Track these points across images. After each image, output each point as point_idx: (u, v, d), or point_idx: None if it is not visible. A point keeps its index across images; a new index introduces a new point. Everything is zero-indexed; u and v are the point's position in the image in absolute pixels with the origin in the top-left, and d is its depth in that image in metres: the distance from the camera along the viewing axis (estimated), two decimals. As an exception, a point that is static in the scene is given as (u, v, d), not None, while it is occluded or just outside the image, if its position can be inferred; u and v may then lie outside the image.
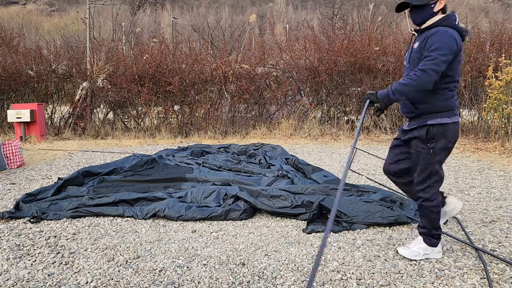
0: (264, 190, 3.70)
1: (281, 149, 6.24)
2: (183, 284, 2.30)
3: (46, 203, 3.62)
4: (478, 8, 35.60)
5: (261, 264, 2.54)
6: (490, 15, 27.41)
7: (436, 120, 2.44)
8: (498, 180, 4.80)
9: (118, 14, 18.52)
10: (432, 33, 2.37)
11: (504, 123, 7.20)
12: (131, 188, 4.11)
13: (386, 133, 9.00)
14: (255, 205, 3.47)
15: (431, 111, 2.45)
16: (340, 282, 2.30)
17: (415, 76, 2.32)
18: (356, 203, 3.37)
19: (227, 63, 9.33)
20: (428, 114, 2.46)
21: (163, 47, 9.96)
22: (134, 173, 4.80)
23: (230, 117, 9.50)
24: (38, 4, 60.51)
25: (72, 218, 3.40)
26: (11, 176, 5.19)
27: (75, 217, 3.40)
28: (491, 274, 2.37)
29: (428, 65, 2.30)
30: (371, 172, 5.33)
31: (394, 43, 9.45)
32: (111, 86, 9.63)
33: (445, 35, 2.33)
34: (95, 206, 3.57)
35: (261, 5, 54.99)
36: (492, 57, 8.54)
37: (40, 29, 34.45)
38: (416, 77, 2.32)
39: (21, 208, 3.52)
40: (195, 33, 27.39)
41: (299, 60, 9.59)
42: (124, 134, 9.27)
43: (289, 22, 32.05)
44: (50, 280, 2.34)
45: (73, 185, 4.20)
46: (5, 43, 11.57)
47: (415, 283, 2.27)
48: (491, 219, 3.34)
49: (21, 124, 8.52)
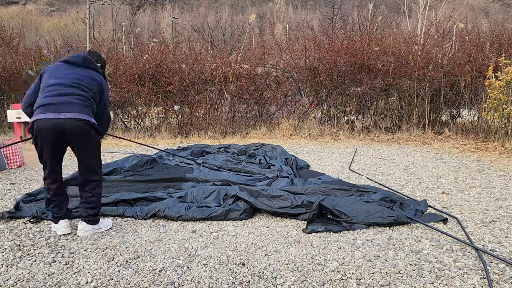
0: (264, 190, 3.69)
1: (281, 149, 6.24)
2: (183, 284, 2.30)
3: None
4: (478, 8, 35.58)
5: (261, 264, 2.54)
6: (490, 15, 27.40)
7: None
8: (498, 180, 4.80)
9: (118, 14, 18.52)
10: None
11: (504, 123, 7.20)
12: (131, 188, 4.11)
13: (386, 133, 9.00)
14: (255, 205, 3.47)
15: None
16: (340, 282, 2.30)
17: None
18: (356, 203, 3.37)
19: (227, 63, 9.33)
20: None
21: (163, 47, 9.95)
22: (134, 173, 4.80)
23: (230, 117, 9.50)
24: (38, 4, 60.49)
25: (72, 218, 3.40)
26: (11, 176, 5.19)
27: (75, 217, 3.40)
28: (491, 274, 2.37)
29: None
30: (371, 172, 5.34)
31: (394, 43, 9.45)
32: (111, 86, 9.62)
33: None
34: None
35: (261, 5, 54.96)
36: (492, 57, 8.54)
37: (40, 29, 34.43)
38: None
39: (21, 208, 3.52)
40: (195, 33, 27.38)
41: (299, 60, 9.59)
42: (124, 134, 9.27)
43: (289, 22, 32.04)
44: (50, 280, 2.34)
45: (73, 185, 4.19)
46: (5, 43, 11.57)
47: (415, 283, 2.27)
48: (491, 219, 3.34)
49: (21, 124, 8.51)
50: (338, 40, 9.47)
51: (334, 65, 9.05)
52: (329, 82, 9.28)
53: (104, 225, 3.12)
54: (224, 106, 9.54)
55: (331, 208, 3.22)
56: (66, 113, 2.75)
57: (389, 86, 9.23)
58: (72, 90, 2.83)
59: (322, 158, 6.41)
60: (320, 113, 9.65)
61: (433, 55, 9.13)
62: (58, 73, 2.91)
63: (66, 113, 2.75)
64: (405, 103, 9.32)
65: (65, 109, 2.75)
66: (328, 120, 9.54)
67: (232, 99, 9.41)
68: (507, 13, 26.53)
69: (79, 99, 2.83)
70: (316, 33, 10.13)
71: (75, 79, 2.88)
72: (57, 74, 2.90)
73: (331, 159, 6.32)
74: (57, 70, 2.94)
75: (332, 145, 7.83)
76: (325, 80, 9.16)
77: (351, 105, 9.61)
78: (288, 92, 9.76)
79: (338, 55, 9.04)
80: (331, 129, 9.09)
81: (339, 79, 9.37)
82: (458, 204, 3.81)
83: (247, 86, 9.19)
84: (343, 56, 9.03)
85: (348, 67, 9.14)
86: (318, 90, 9.58)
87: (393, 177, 5.01)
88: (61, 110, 2.75)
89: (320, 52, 9.31)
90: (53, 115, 2.73)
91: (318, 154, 6.80)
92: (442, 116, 9.62)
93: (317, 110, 9.57)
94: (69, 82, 2.84)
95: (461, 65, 8.83)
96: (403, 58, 9.10)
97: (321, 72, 9.17)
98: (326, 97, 9.54)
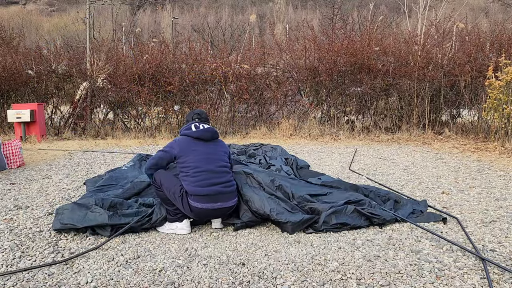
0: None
1: (281, 149, 6.24)
2: (183, 284, 2.30)
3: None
4: (478, 8, 35.60)
5: (261, 264, 2.54)
6: (490, 15, 27.42)
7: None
8: (498, 180, 4.80)
9: (118, 14, 18.52)
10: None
11: (504, 123, 7.20)
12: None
13: (386, 133, 9.00)
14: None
15: None
16: (340, 282, 2.30)
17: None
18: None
19: (227, 63, 9.34)
20: None
21: (163, 47, 9.96)
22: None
23: (230, 117, 9.50)
24: (38, 4, 60.51)
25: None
26: (11, 176, 5.19)
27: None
28: (491, 274, 2.37)
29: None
30: (371, 172, 5.33)
31: (394, 43, 9.46)
32: (111, 86, 9.63)
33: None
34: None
35: (261, 5, 54.96)
36: (492, 57, 8.54)
37: (40, 29, 34.44)
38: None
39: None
40: (195, 33, 27.40)
41: (299, 60, 9.60)
42: (124, 134, 9.28)
43: (289, 22, 32.04)
44: (50, 280, 2.34)
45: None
46: (5, 43, 11.56)
47: (415, 283, 2.27)
48: (491, 219, 3.34)
49: (21, 124, 8.51)
50: (338, 40, 9.47)
51: (334, 65, 9.06)
52: (329, 82, 9.28)
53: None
54: (224, 106, 9.54)
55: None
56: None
57: (389, 86, 9.23)
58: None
59: (322, 158, 6.41)
60: (320, 113, 9.65)
61: (433, 55, 9.13)
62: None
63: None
64: (405, 103, 9.32)
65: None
66: (328, 120, 9.54)
67: (232, 99, 9.41)
68: (507, 13, 26.52)
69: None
70: (316, 33, 10.14)
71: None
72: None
73: (331, 159, 6.32)
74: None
75: (332, 145, 7.83)
76: (325, 80, 9.16)
77: (351, 105, 9.62)
78: (288, 92, 9.76)
79: (338, 55, 9.04)
80: (331, 129, 9.09)
81: (339, 79, 9.37)
82: (458, 204, 3.81)
83: (247, 86, 9.19)
84: (343, 56, 9.03)
85: (348, 67, 9.14)
86: (318, 90, 9.59)
87: (393, 177, 5.01)
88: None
89: (320, 52, 9.31)
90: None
91: (318, 154, 6.80)
92: (442, 116, 9.62)
93: (317, 110, 9.58)
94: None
95: (461, 65, 8.83)
96: (403, 58, 9.11)
97: (321, 72, 9.17)
98: (326, 97, 9.54)
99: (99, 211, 3.09)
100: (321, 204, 3.33)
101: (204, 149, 3.20)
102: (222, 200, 3.08)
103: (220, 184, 3.10)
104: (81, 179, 4.94)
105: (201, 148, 3.20)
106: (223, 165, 3.23)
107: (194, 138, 3.24)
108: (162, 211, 3.19)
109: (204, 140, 3.25)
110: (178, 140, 3.25)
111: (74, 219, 3.03)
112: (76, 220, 3.03)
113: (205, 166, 3.11)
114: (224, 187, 3.11)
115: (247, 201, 3.20)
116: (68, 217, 3.06)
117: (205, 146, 3.23)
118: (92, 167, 5.73)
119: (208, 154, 3.19)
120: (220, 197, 3.07)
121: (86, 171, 5.45)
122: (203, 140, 3.25)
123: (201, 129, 3.27)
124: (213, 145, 3.29)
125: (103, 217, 3.03)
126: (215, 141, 3.33)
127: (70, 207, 3.16)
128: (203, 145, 3.22)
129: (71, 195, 4.17)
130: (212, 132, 3.30)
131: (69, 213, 3.10)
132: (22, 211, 3.62)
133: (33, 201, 3.94)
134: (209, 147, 3.24)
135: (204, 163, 3.12)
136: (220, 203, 3.06)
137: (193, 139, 3.24)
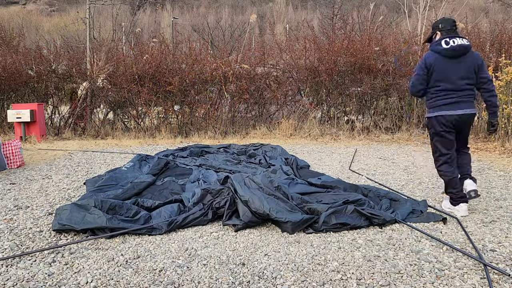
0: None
1: (281, 149, 6.24)
2: (183, 284, 2.30)
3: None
4: (478, 8, 35.57)
5: (261, 264, 2.54)
6: (490, 15, 27.40)
7: (427, 114, 3.61)
8: (498, 180, 4.80)
9: (118, 14, 18.51)
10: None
11: (504, 123, 7.20)
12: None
13: (386, 133, 9.00)
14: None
15: (427, 107, 3.60)
16: (340, 282, 2.30)
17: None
18: None
19: (227, 63, 9.33)
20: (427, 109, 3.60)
21: (163, 47, 9.96)
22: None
23: (230, 117, 9.50)
24: (38, 4, 60.49)
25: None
26: (11, 176, 5.19)
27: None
28: (491, 274, 2.37)
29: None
30: (371, 172, 5.33)
31: (394, 43, 9.45)
32: (111, 86, 9.63)
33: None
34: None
35: (261, 5, 54.95)
36: (492, 57, 8.54)
37: (40, 29, 34.44)
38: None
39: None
40: (195, 33, 27.39)
41: (299, 60, 9.59)
42: (124, 134, 9.27)
43: (289, 22, 32.06)
44: (50, 280, 2.34)
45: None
46: (5, 43, 11.56)
47: (415, 283, 2.27)
48: (491, 219, 3.34)
49: (21, 124, 8.51)
50: (338, 40, 9.47)
51: (334, 65, 9.05)
52: (329, 82, 9.28)
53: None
54: (224, 106, 9.54)
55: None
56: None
57: (389, 86, 9.23)
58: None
59: (322, 158, 6.41)
60: (320, 113, 9.65)
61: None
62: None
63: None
64: (405, 103, 9.32)
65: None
66: (328, 120, 9.54)
67: (232, 99, 9.41)
68: (507, 13, 26.51)
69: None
70: (316, 33, 10.14)
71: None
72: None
73: (331, 159, 6.32)
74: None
75: (332, 145, 7.83)
76: (325, 80, 9.16)
77: (351, 105, 9.62)
78: (288, 92, 9.76)
79: (338, 55, 9.04)
80: (331, 129, 9.09)
81: (339, 79, 9.36)
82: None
83: (247, 86, 9.19)
84: (343, 56, 9.02)
85: (348, 67, 9.14)
86: (318, 90, 9.58)
87: (393, 177, 5.01)
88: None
89: (320, 52, 9.31)
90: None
91: (318, 154, 6.80)
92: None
93: (317, 110, 9.57)
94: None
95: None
96: (403, 58, 9.09)
97: (321, 72, 9.17)
98: (326, 97, 9.54)
99: (98, 213, 3.08)
100: (321, 204, 3.33)
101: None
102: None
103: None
104: (81, 179, 4.94)
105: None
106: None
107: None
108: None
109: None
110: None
111: (73, 221, 3.03)
112: (74, 221, 3.03)
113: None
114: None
115: (246, 202, 3.20)
116: (67, 219, 3.05)
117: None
118: (92, 167, 5.73)
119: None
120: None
121: (86, 171, 5.45)
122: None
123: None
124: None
125: (102, 219, 3.03)
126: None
127: (69, 208, 3.16)
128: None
129: (71, 195, 4.17)
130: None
131: (68, 214, 3.10)
132: (22, 211, 3.62)
133: (33, 201, 3.94)
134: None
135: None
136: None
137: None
